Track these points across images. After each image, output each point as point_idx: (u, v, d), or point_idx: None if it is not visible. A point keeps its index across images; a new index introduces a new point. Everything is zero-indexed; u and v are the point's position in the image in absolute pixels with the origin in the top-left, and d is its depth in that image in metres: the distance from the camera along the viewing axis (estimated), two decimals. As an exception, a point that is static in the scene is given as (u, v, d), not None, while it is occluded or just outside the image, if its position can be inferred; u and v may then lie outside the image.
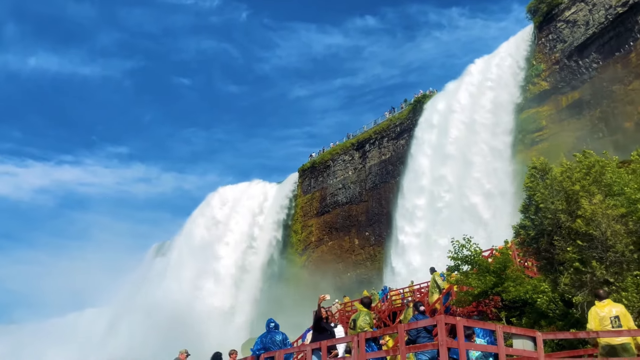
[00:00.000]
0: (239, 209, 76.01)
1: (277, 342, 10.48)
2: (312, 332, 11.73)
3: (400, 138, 60.68)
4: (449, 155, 49.22)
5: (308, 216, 69.68)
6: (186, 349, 17.59)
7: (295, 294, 61.08)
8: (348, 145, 67.80)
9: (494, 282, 16.16)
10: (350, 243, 63.00)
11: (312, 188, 70.82)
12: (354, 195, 64.68)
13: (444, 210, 48.00)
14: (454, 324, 8.77)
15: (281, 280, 66.83)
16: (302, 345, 10.64)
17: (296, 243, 69.66)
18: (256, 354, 10.44)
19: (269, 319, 10.96)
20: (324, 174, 69.70)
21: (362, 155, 65.42)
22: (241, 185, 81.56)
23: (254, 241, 72.53)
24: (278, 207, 73.82)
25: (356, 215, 63.44)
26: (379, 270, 56.27)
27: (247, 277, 70.22)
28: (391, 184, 58.86)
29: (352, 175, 65.69)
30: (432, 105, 55.78)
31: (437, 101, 55.83)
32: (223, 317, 67.19)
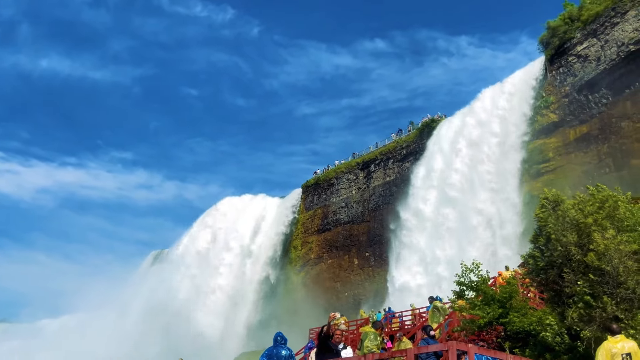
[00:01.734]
0: (240, 221, 75.95)
1: (283, 356, 10.39)
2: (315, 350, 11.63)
3: (406, 160, 60.86)
4: (454, 182, 49.35)
5: (309, 233, 69.57)
6: (182, 358, 17.56)
7: (292, 310, 60.72)
8: (353, 164, 68.00)
9: (500, 312, 16.06)
10: (350, 262, 62.78)
11: (315, 205, 70.82)
12: (356, 214, 64.65)
13: (446, 237, 47.97)
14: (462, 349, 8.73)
15: (278, 295, 66.52)
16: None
17: (295, 259, 69.42)
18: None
19: (277, 332, 10.85)
20: (328, 191, 69.78)
21: (366, 175, 65.55)
22: (245, 197, 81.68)
23: (254, 254, 72.34)
24: (280, 221, 73.79)
25: (357, 235, 63.31)
26: (377, 292, 55.97)
27: (244, 290, 69.89)
28: (394, 205, 58.85)
29: (356, 194, 65.74)
30: (440, 131, 56.12)
31: (444, 127, 56.16)
32: (219, 329, 66.71)
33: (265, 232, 73.86)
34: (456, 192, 48.99)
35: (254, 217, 76.14)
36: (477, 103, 53.51)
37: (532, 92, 48.84)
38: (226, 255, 73.05)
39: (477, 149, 49.67)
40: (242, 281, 70.85)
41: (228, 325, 67.30)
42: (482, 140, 49.57)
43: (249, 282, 70.30)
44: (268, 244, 72.29)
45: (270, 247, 71.95)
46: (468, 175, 49.06)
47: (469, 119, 52.46)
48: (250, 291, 69.51)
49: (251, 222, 75.46)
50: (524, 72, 51.73)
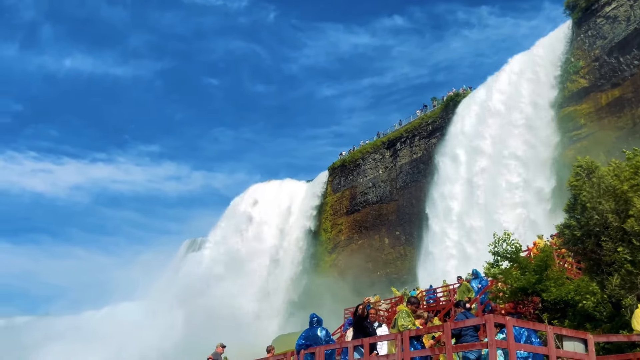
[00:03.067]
0: (270, 207, 76.60)
1: (320, 337, 10.48)
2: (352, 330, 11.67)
3: (432, 137, 60.05)
4: (484, 153, 48.53)
5: (338, 214, 69.66)
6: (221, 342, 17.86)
7: (325, 291, 61.19)
8: (379, 143, 67.46)
9: (535, 279, 15.71)
10: (380, 242, 62.72)
11: (342, 186, 70.74)
12: (384, 194, 64.34)
13: (477, 211, 47.38)
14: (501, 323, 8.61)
15: (311, 277, 67.08)
16: (344, 342, 10.61)
17: (326, 241, 69.73)
18: (298, 349, 10.46)
19: (311, 313, 10.95)
20: (354, 172, 69.55)
21: (392, 153, 65.00)
22: (272, 183, 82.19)
23: (285, 239, 73.00)
24: (308, 205, 74.08)
25: (386, 214, 63.09)
26: (410, 270, 55.88)
27: (278, 274, 70.76)
28: (422, 183, 58.32)
29: (383, 174, 65.35)
30: (467, 103, 55.08)
31: (471, 99, 55.08)
32: (254, 312, 67.82)
33: (294, 216, 74.34)
34: (486, 164, 48.21)
35: (283, 202, 76.66)
36: (503, 73, 52.20)
37: (560, 58, 47.31)
38: (258, 240, 73.93)
39: (505, 119, 48.61)
40: (275, 265, 71.71)
41: (263, 308, 68.39)
42: (510, 111, 48.45)
43: (281, 265, 71.10)
44: (298, 227, 72.76)
45: (300, 231, 72.41)
46: (497, 146, 48.13)
47: (496, 90, 51.26)
48: (284, 274, 70.30)
49: (280, 207, 76.04)
50: (550, 38, 50.09)
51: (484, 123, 50.46)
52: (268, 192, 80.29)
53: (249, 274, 71.37)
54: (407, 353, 8.96)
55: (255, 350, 43.14)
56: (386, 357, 9.66)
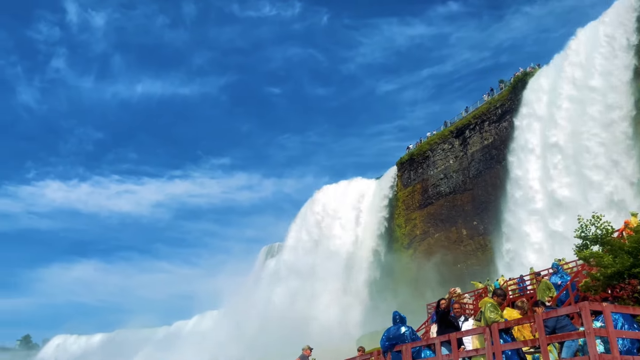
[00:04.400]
0: (341, 207, 76.89)
1: (404, 335, 10.36)
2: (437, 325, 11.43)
3: (502, 120, 57.74)
4: (560, 133, 46.01)
5: (411, 209, 68.60)
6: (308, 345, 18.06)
7: (405, 288, 60.50)
8: (446, 133, 65.78)
9: (631, 262, 14.60)
10: (458, 234, 61.04)
11: (413, 180, 69.62)
12: (457, 184, 62.61)
13: (559, 192, 44.95)
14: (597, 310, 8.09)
15: (389, 275, 66.49)
16: (431, 338, 10.41)
17: (401, 237, 68.88)
18: (385, 349, 10.40)
19: (394, 312, 10.86)
20: (424, 165, 68.24)
21: (462, 142, 63.14)
22: (341, 183, 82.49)
23: (358, 237, 72.94)
24: (379, 202, 73.58)
25: (461, 205, 61.33)
26: (491, 260, 53.97)
27: (355, 273, 70.76)
28: (497, 169, 56.19)
29: (454, 163, 63.63)
30: (537, 82, 52.49)
31: (541, 77, 52.46)
32: (334, 314, 68.23)
33: (366, 214, 74.09)
34: (563, 144, 45.67)
35: (354, 201, 76.68)
36: (573, 45, 49.27)
37: (636, 24, 43.97)
38: (332, 241, 74.38)
39: (579, 95, 45.82)
40: (351, 264, 71.77)
41: (343, 309, 68.60)
42: (584, 85, 45.60)
43: (358, 264, 71.03)
44: (371, 225, 72.42)
45: (374, 228, 72.03)
46: (574, 122, 45.45)
47: (567, 63, 48.45)
48: (360, 274, 70.21)
49: (352, 206, 76.11)
50: (623, 2, 46.65)
51: (557, 101, 47.87)
52: (338, 192, 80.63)
53: (325, 276, 71.89)
54: (498, 346, 8.66)
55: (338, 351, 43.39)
56: (476, 352, 9.39)
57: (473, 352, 9.43)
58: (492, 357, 8.56)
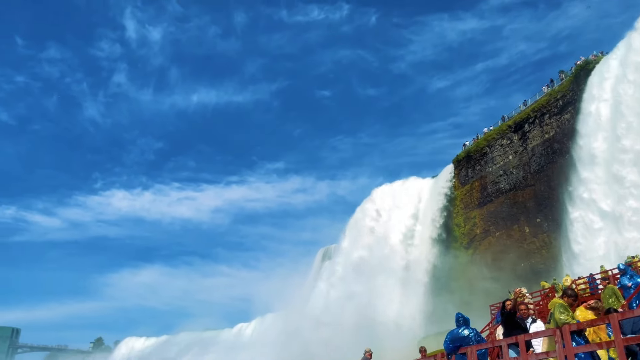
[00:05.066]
0: (396, 208, 75.99)
1: (469, 337, 10.03)
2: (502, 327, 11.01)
3: (564, 112, 55.22)
4: (628, 123, 43.45)
5: (469, 208, 66.83)
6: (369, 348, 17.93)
7: (464, 288, 58.99)
8: (504, 128, 63.64)
9: None
10: (520, 232, 58.84)
11: (470, 178, 67.82)
12: (517, 180, 60.41)
13: (628, 186, 42.45)
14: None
15: (448, 275, 64.99)
16: (497, 341, 10.03)
17: (460, 237, 67.23)
18: (449, 351, 10.12)
19: (457, 313, 10.55)
20: (481, 162, 66.33)
21: (521, 136, 60.88)
22: (396, 183, 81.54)
23: (416, 238, 71.78)
24: (436, 201, 72.12)
25: (523, 202, 59.09)
26: (557, 259, 51.67)
27: (413, 275, 69.66)
28: (559, 163, 53.75)
29: (513, 159, 61.45)
30: (601, 70, 49.87)
31: (606, 64, 49.78)
32: (394, 315, 67.43)
33: (423, 214, 72.82)
34: (633, 134, 43.07)
35: (410, 201, 75.56)
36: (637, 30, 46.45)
37: None
38: (388, 242, 73.59)
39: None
40: (408, 265, 70.71)
41: (402, 310, 67.65)
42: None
43: (415, 265, 69.86)
44: (429, 225, 71.08)
45: (431, 228, 70.66)
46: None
47: (633, 50, 45.72)
48: (418, 275, 68.98)
49: (408, 207, 75.01)
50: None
51: (623, 88, 45.23)
52: (393, 193, 79.74)
53: (382, 278, 71.19)
54: (570, 349, 8.20)
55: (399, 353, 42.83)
56: (546, 354, 8.95)
57: (543, 355, 8.98)
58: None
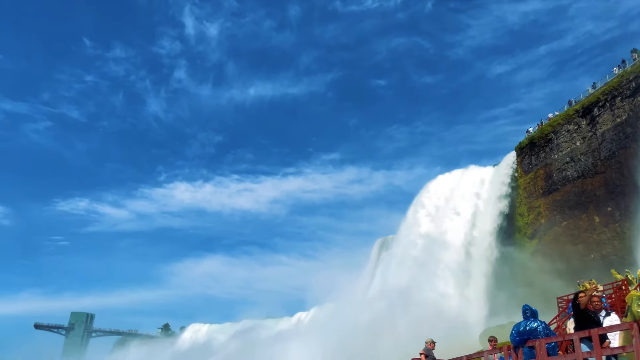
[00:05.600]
0: (456, 197, 74.26)
1: (537, 330, 9.67)
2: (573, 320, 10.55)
3: (637, 94, 51.85)
4: None
5: (533, 197, 64.25)
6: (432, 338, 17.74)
7: (529, 280, 56.98)
8: (571, 113, 60.57)
9: None
10: (589, 221, 55.98)
11: (534, 166, 65.13)
12: (586, 167, 57.42)
13: None
14: None
15: (511, 267, 62.86)
16: (569, 334, 9.61)
17: (523, 227, 64.83)
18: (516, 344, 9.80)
19: (524, 305, 10.20)
20: (546, 148, 63.50)
21: (590, 121, 57.74)
22: (455, 172, 79.56)
23: (476, 228, 69.88)
24: (497, 190, 69.80)
25: (592, 190, 56.14)
26: (630, 249, 48.83)
27: (473, 266, 67.94)
28: (633, 148, 50.60)
29: (581, 145, 58.42)
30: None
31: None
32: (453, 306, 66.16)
33: (484, 203, 70.69)
34: None
35: (470, 191, 73.56)
36: None
37: None
38: (448, 232, 72.08)
39: None
40: (469, 256, 69.01)
41: (462, 302, 66.20)
42: None
43: (476, 256, 68.05)
44: (490, 214, 68.95)
45: (492, 218, 68.50)
46: None
47: None
48: (479, 266, 67.17)
49: (467, 196, 73.09)
50: None
51: None
52: (452, 182, 77.90)
53: (442, 268, 69.88)
54: (650, 344, 7.72)
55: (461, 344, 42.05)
56: (622, 349, 8.49)
57: (619, 350, 8.53)
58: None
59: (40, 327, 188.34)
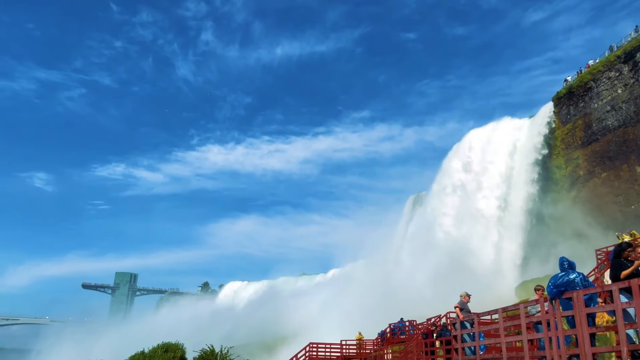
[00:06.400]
0: (491, 151, 72.83)
1: (575, 281, 9.57)
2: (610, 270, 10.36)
3: (685, 36, 48.89)
4: None
5: (571, 148, 62.42)
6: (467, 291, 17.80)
7: (567, 233, 56.20)
8: (612, 59, 57.76)
9: None
10: (631, 172, 54.22)
11: (573, 116, 62.95)
12: (627, 116, 55.17)
13: None
14: None
15: (548, 220, 61.98)
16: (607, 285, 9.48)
17: (561, 179, 63.35)
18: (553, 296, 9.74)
19: (561, 257, 10.07)
20: (585, 97, 61.11)
21: (632, 67, 55.03)
22: (489, 126, 77.73)
23: (512, 182, 68.72)
24: (534, 142, 68.01)
25: (634, 139, 54.07)
26: (674, 200, 47.30)
27: (510, 219, 67.23)
28: (679, 94, 48.18)
29: (623, 93, 55.96)
30: None
31: None
32: (490, 260, 66.09)
33: (520, 156, 69.16)
34: None
35: (505, 143, 71.95)
36: None
37: None
38: (483, 187, 71.19)
39: None
40: (505, 210, 68.24)
41: (499, 255, 65.99)
42: None
43: (512, 210, 67.21)
44: (526, 167, 67.52)
45: (529, 171, 67.11)
46: None
47: None
48: (516, 219, 66.41)
49: (503, 149, 71.57)
50: None
51: None
52: (486, 136, 76.24)
53: (478, 224, 69.43)
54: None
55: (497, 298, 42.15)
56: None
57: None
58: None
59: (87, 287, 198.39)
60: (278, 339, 77.77)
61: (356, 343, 36.70)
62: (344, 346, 35.95)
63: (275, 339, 78.56)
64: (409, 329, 34.69)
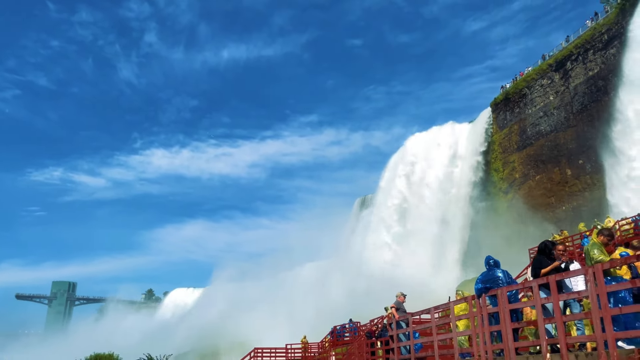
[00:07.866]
0: (433, 154, 74.86)
1: (500, 278, 9.92)
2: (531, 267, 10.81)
3: (609, 47, 52.14)
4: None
5: (508, 152, 65.17)
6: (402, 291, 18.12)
7: (504, 234, 58.40)
8: (544, 67, 60.81)
9: None
10: (562, 174, 57.20)
11: (509, 121, 65.75)
12: (558, 121, 58.19)
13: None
14: None
15: (487, 221, 64.34)
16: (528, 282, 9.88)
17: (499, 182, 65.99)
18: (478, 293, 10.05)
19: (487, 256, 10.43)
20: (520, 104, 63.99)
21: (563, 75, 58.13)
22: (432, 130, 79.94)
23: (453, 184, 70.90)
24: (474, 146, 70.56)
25: (564, 144, 57.10)
26: (600, 200, 50.20)
27: (449, 221, 69.30)
28: (604, 101, 51.28)
29: (554, 100, 58.99)
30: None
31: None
32: (429, 262, 67.80)
33: (461, 160, 71.54)
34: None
35: (447, 147, 74.20)
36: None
37: None
38: (425, 189, 73.05)
39: None
40: (446, 212, 70.27)
41: (438, 257, 67.84)
42: None
43: (453, 211, 69.36)
44: (466, 171, 69.92)
45: (469, 174, 69.52)
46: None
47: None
48: (456, 221, 68.57)
49: (444, 153, 73.77)
50: None
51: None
52: (429, 139, 78.35)
53: (419, 224, 71.14)
54: (602, 288, 7.97)
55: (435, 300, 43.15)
56: (577, 294, 8.76)
57: (575, 295, 8.80)
58: (596, 299, 7.91)
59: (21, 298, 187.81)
60: (223, 347, 76.46)
61: (301, 347, 36.57)
62: (289, 351, 35.76)
63: (219, 347, 77.18)
64: (352, 330, 34.92)
